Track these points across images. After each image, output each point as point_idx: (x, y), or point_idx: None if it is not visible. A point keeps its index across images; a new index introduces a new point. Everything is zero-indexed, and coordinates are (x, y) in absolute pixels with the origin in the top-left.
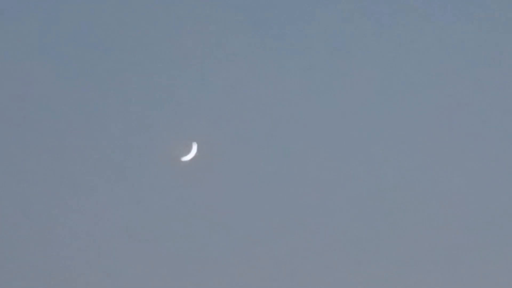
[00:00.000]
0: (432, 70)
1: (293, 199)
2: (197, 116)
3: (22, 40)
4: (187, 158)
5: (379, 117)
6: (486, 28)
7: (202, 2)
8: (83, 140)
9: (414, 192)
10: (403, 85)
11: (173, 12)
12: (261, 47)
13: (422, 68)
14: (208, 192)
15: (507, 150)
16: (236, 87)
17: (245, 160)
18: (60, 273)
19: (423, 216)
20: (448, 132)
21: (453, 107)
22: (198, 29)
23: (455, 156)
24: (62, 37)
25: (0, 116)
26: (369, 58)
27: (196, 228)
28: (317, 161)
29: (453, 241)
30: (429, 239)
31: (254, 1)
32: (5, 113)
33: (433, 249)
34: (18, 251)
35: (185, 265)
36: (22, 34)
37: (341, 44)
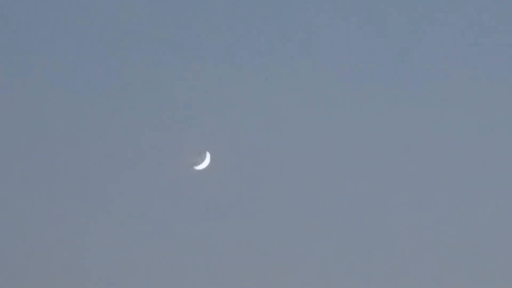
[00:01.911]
0: (432, 71)
1: (307, 207)
2: (211, 125)
3: (30, 41)
4: (200, 166)
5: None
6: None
7: (220, 12)
8: (97, 149)
9: (413, 193)
10: (403, 85)
11: (190, 27)
12: (275, 59)
13: (422, 69)
14: (221, 200)
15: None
16: (250, 98)
17: (257, 169)
18: (68, 281)
19: (424, 216)
20: (447, 134)
21: (452, 108)
22: (212, 39)
23: (455, 157)
24: (71, 45)
25: (10, 120)
26: (373, 60)
27: (209, 235)
28: (332, 170)
29: (453, 242)
30: (429, 240)
31: (268, 11)
32: (13, 118)
33: (433, 250)
34: (23, 253)
35: (196, 272)
36: (30, 35)
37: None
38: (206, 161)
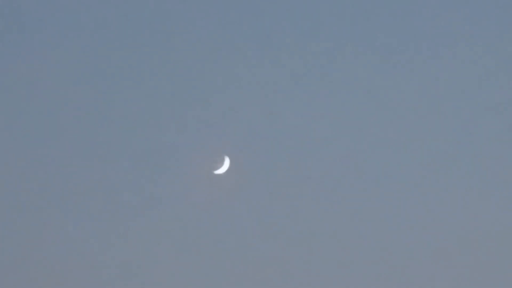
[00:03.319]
0: (431, 70)
1: (326, 213)
2: (230, 130)
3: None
4: (220, 171)
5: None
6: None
7: (252, 23)
8: (116, 156)
9: (413, 195)
10: (401, 86)
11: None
12: (294, 65)
13: (421, 69)
14: (240, 205)
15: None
16: (269, 103)
17: (276, 174)
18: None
19: (423, 217)
20: (447, 136)
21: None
22: (229, 48)
23: (455, 159)
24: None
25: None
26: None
27: (228, 240)
28: (350, 175)
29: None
30: (428, 240)
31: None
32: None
33: (432, 251)
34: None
35: (216, 278)
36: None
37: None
38: (225, 166)
